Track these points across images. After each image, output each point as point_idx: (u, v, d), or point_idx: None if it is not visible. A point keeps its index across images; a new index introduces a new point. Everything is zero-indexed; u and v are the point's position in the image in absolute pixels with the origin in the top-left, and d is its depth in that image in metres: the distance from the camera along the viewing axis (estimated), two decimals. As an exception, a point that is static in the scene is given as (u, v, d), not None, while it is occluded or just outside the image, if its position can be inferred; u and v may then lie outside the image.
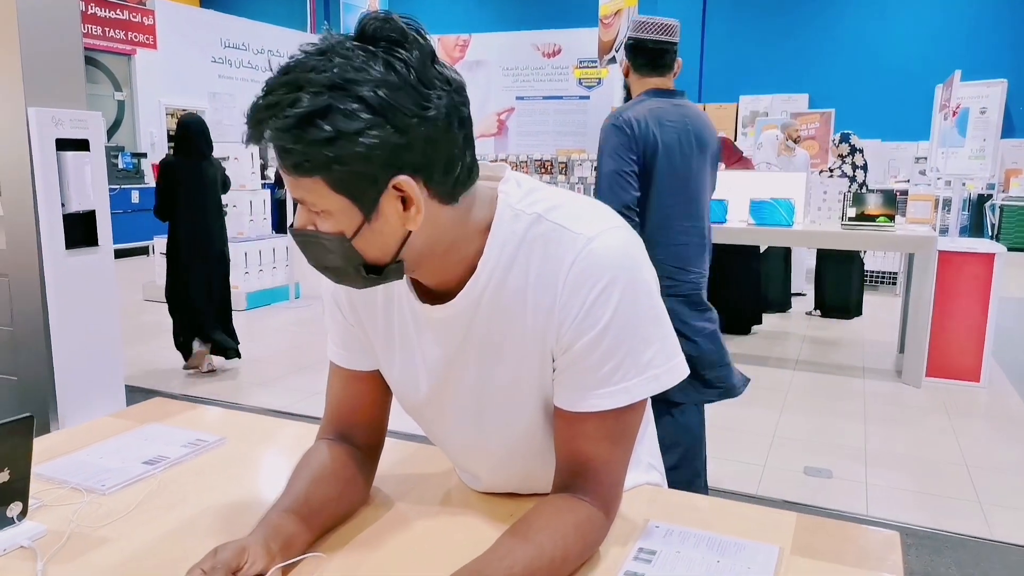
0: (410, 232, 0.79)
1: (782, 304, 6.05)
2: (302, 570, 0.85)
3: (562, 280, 0.82)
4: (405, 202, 0.77)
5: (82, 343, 3.30)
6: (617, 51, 9.87)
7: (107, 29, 9.62)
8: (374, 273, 0.81)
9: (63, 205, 3.25)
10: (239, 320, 5.77)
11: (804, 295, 6.49)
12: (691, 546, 0.90)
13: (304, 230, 0.79)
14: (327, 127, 0.71)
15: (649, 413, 1.14)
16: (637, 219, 2.10)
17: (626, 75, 2.29)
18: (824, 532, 0.96)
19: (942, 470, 3.11)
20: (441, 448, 1.06)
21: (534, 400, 0.89)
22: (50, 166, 3.18)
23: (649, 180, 2.11)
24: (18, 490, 0.93)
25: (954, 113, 4.55)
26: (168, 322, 4.42)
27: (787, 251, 6.09)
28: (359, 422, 1.02)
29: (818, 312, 5.94)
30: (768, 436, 3.44)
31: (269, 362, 4.74)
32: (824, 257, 5.85)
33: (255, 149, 6.33)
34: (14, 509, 0.93)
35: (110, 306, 3.46)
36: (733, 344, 4.98)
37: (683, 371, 0.86)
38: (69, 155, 3.25)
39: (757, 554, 0.88)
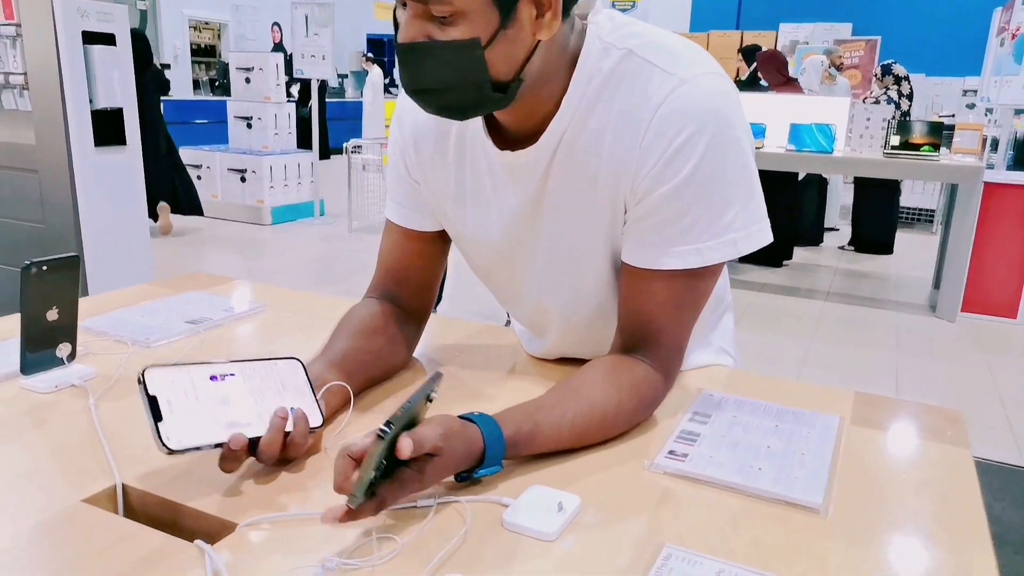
0: (536, 44, 0.74)
1: (814, 238, 5.94)
2: (340, 422, 0.84)
3: (646, 122, 0.76)
4: (539, 7, 0.72)
5: (111, 241, 3.31)
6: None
7: (130, -66, 9.36)
8: (499, 91, 0.75)
9: (91, 101, 3.21)
10: (263, 233, 5.78)
11: (837, 230, 6.37)
12: (747, 412, 0.88)
13: (422, 41, 0.71)
14: None
15: (729, 299, 1.11)
16: None
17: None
18: (885, 408, 0.93)
19: (976, 401, 3.08)
20: (507, 308, 1.04)
21: (603, 253, 0.86)
22: (77, 60, 3.13)
23: None
24: (66, 331, 0.92)
25: (1013, 36, 4.32)
26: (200, 232, 4.42)
27: (823, 183, 5.94)
28: (409, 282, 1.00)
29: (852, 247, 5.83)
30: (797, 364, 3.42)
31: (293, 275, 4.76)
32: (862, 190, 5.71)
33: (280, 60, 6.21)
34: (63, 350, 0.92)
35: (137, 206, 3.46)
36: (762, 275, 4.93)
37: (764, 238, 0.80)
38: (96, 49, 3.19)
39: (817, 421, 0.86)
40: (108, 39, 3.24)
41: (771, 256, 5.18)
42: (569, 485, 0.71)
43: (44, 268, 0.87)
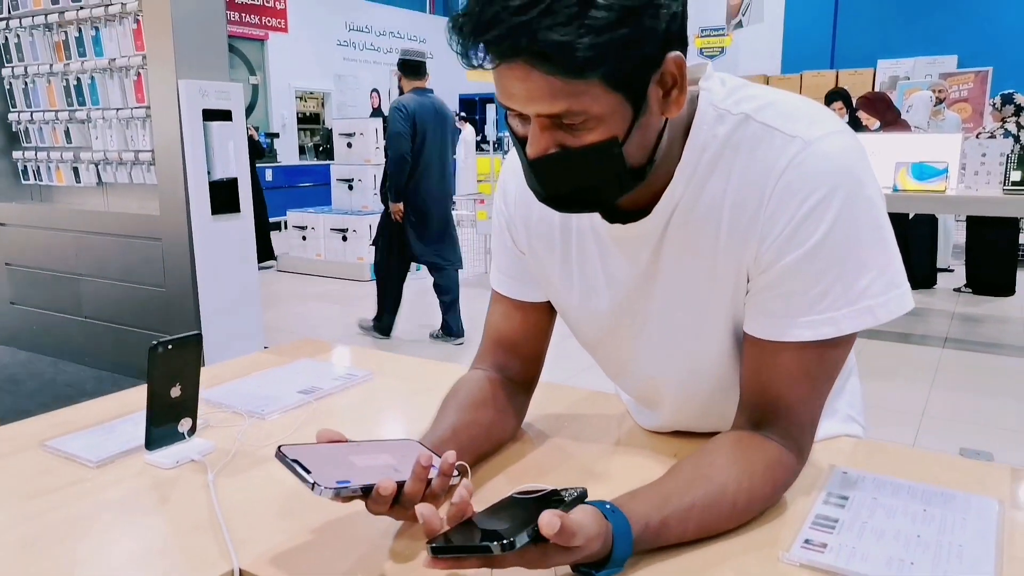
0: (665, 123, 0.72)
1: (927, 279, 5.59)
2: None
3: (770, 188, 0.72)
4: (664, 85, 0.69)
5: (226, 302, 3.49)
6: (743, 15, 9.40)
7: (243, 15, 10.14)
8: (637, 179, 0.73)
9: (209, 173, 3.44)
10: (364, 289, 5.97)
11: (952, 271, 5.97)
12: (889, 493, 0.80)
13: (557, 152, 0.69)
14: (610, 5, 0.62)
15: (854, 360, 1.04)
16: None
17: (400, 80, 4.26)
18: (1048, 488, 0.83)
19: None
20: (617, 382, 1.00)
21: (723, 325, 0.81)
22: (197, 135, 3.36)
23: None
24: (188, 407, 0.95)
25: None
26: (304, 290, 4.59)
27: (933, 222, 5.61)
28: (518, 353, 0.98)
29: (969, 289, 5.44)
30: (916, 415, 3.17)
31: (396, 330, 4.86)
32: (977, 228, 5.34)
33: (379, 124, 6.49)
34: (185, 424, 0.95)
35: (250, 269, 3.65)
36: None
37: (903, 305, 0.74)
38: (214, 125, 3.42)
39: (971, 505, 0.77)
40: (225, 115, 3.48)
41: None
42: (696, 579, 0.65)
43: (169, 347, 0.90)
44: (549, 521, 0.59)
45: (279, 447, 0.69)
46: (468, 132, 9.63)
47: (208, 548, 0.73)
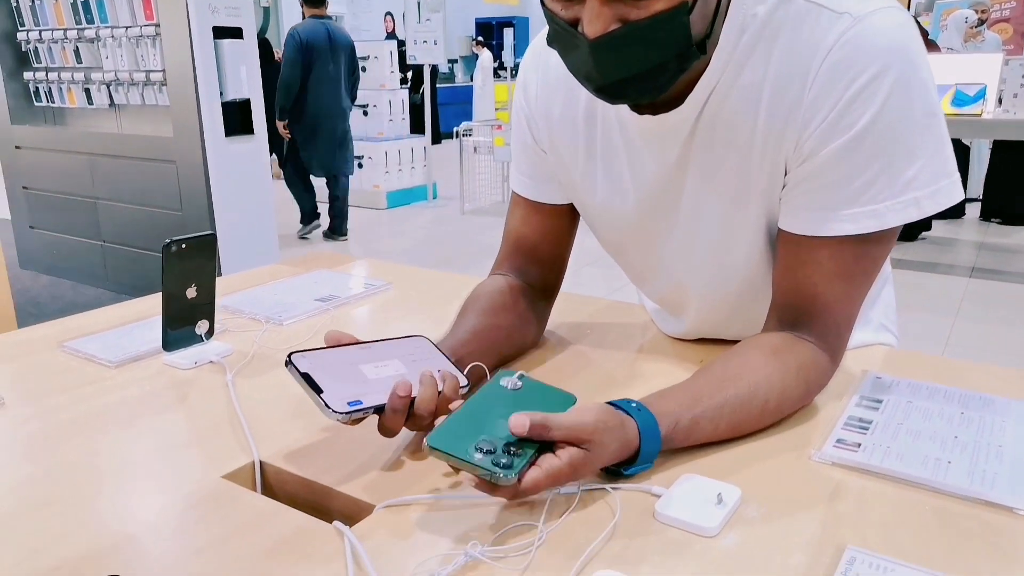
0: None
1: (956, 209, 5.45)
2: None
3: (815, 68, 0.67)
4: None
5: (242, 225, 3.48)
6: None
7: (252, -65, 9.80)
8: (698, 54, 0.67)
9: (221, 94, 3.37)
10: (381, 217, 5.94)
11: (981, 200, 5.83)
12: (924, 397, 0.77)
13: (620, 28, 0.63)
14: None
15: (889, 269, 1.00)
16: None
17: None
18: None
19: None
20: (641, 287, 0.97)
21: (756, 222, 0.77)
22: (208, 54, 3.28)
23: None
24: (205, 309, 0.94)
25: None
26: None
27: (965, 151, 5.44)
28: (538, 258, 0.95)
29: (998, 219, 5.32)
30: (940, 344, 3.14)
31: (408, 257, 4.85)
32: (1011, 156, 5.17)
33: (393, 48, 6.33)
34: (202, 327, 0.94)
35: (265, 192, 3.62)
36: (896, 249, 4.56)
37: (953, 196, 0.69)
38: (225, 43, 3.33)
39: (1011, 408, 0.74)
40: (236, 33, 3.38)
41: (906, 229, 4.77)
42: (725, 476, 0.64)
43: (183, 246, 0.88)
44: (518, 421, 0.56)
45: (288, 355, 0.66)
46: (485, 58, 9.37)
47: (228, 442, 0.72)
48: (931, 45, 5.00)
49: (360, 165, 6.24)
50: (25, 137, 4.11)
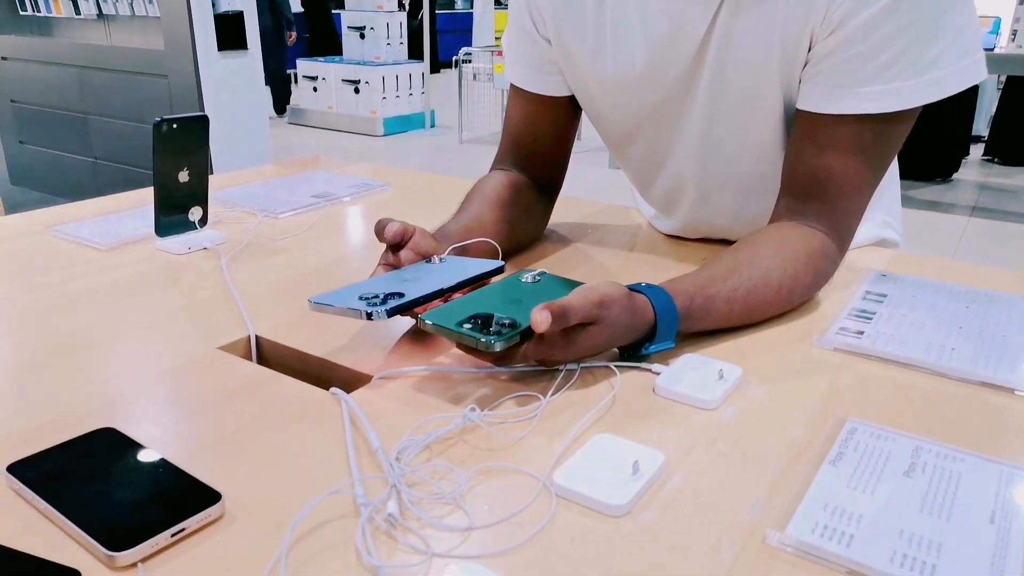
0: None
1: (960, 149, 5.38)
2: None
3: None
4: None
5: (236, 145, 3.41)
6: None
7: None
8: None
9: (214, 5, 3.25)
10: (376, 143, 5.84)
11: (985, 140, 5.75)
12: (929, 292, 0.76)
13: None
14: None
15: (895, 165, 0.97)
16: None
17: None
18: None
19: None
20: (643, 185, 0.94)
21: (775, 103, 0.74)
22: (200, -39, 3.16)
23: None
24: (198, 195, 0.91)
25: None
26: (315, 143, 4.50)
27: (973, 88, 5.32)
28: (539, 153, 0.93)
29: (998, 160, 5.26)
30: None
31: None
32: (1016, 94, 5.08)
33: (391, -32, 6.11)
34: (195, 214, 0.92)
35: (259, 111, 3.53)
36: (925, 191, 4.51)
37: (976, 74, 0.66)
38: (217, -50, 3.20)
39: (1017, 304, 0.74)
40: (227, -60, 3.24)
41: (943, 168, 4.67)
42: (725, 357, 0.63)
43: (174, 126, 0.85)
44: (541, 317, 0.54)
45: (310, 300, 0.61)
46: (486, -18, 9.06)
47: (223, 318, 0.71)
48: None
49: (356, 90, 6.10)
50: (11, 48, 3.99)
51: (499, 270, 0.67)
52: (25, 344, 0.66)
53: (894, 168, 0.97)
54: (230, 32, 3.34)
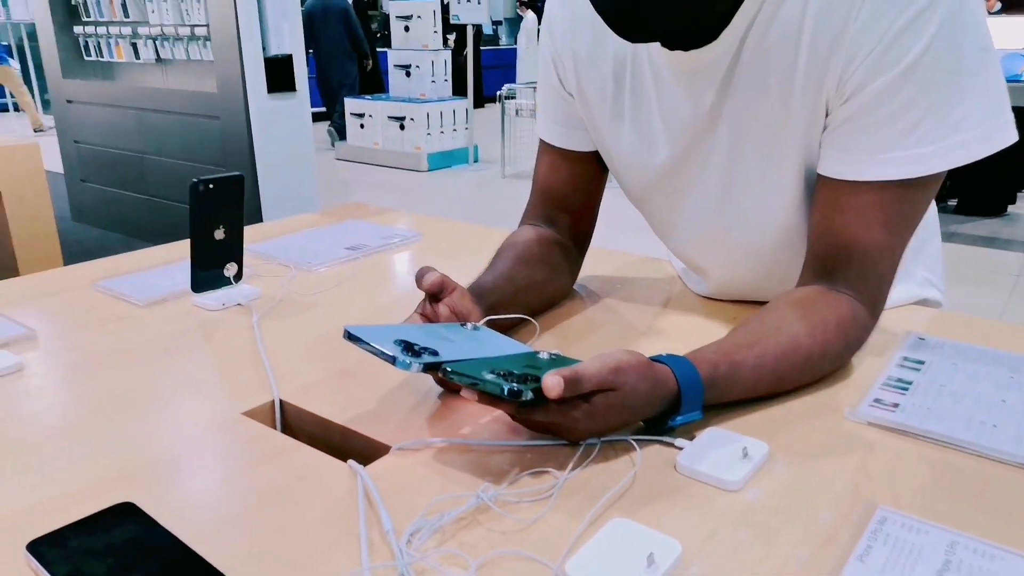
0: None
1: (1008, 196, 5.21)
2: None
3: (859, 1, 0.63)
4: None
5: (284, 182, 3.51)
6: None
7: None
8: None
9: (264, 49, 3.37)
10: (421, 179, 5.93)
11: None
12: (971, 359, 0.73)
13: None
14: None
15: (935, 219, 0.95)
16: None
17: None
18: None
19: None
20: (667, 241, 0.93)
21: (794, 170, 0.73)
22: (251, 9, 3.28)
23: None
24: (233, 251, 0.94)
25: None
26: (361, 179, 4.59)
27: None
28: (568, 207, 0.93)
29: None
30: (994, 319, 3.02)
31: (450, 218, 4.84)
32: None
33: (437, 7, 6.25)
34: (230, 269, 0.94)
35: (307, 150, 3.63)
36: (959, 224, 4.38)
37: (1005, 138, 0.64)
38: (268, -3, 3.33)
39: (1066, 375, 0.70)
40: (278, -13, 3.37)
41: (992, 204, 4.50)
42: (752, 433, 0.61)
43: (211, 186, 0.87)
44: (552, 382, 0.52)
45: (345, 328, 0.60)
46: (530, 19, 9.21)
47: (250, 380, 0.72)
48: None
49: (402, 127, 6.23)
50: (76, 91, 4.19)
51: (531, 354, 0.66)
52: (56, 407, 0.67)
53: (934, 222, 0.94)
54: (279, 74, 3.45)
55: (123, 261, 1.08)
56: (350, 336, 0.59)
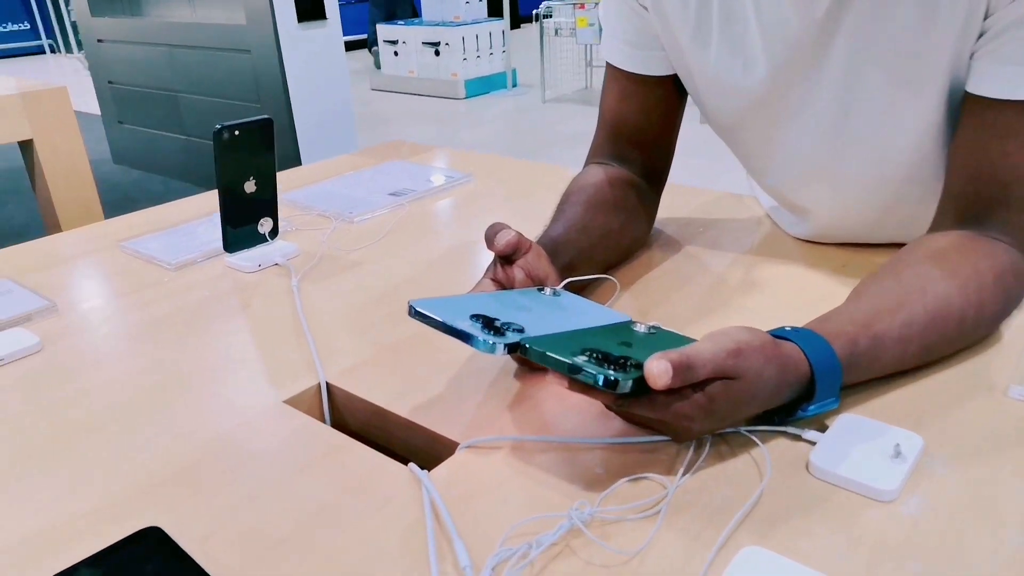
0: None
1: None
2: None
3: None
4: None
5: (320, 116, 3.39)
6: None
7: None
8: None
9: (292, -25, 3.20)
10: (458, 107, 5.75)
11: None
12: None
13: None
14: None
15: None
16: None
17: None
18: None
19: None
20: (762, 177, 0.80)
21: (934, 89, 0.60)
22: (276, -70, 3.10)
23: None
24: (267, 205, 0.84)
25: None
26: (398, 108, 4.45)
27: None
28: (643, 141, 0.80)
29: None
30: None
31: (489, 148, 4.68)
32: None
33: (471, -78, 5.91)
34: (265, 225, 0.84)
35: (340, 80, 3.49)
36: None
37: None
38: (293, -82, 3.13)
39: None
40: (302, -93, 3.17)
41: None
42: (896, 420, 0.50)
43: (236, 133, 0.77)
44: (658, 368, 0.41)
45: (410, 304, 0.49)
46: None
47: (292, 359, 0.63)
48: None
49: (437, 52, 6.00)
50: (107, 30, 4.09)
51: (625, 325, 0.55)
52: (76, 398, 0.59)
53: None
54: (309, 2, 3.29)
55: (151, 216, 1.00)
56: (416, 313, 0.48)
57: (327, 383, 0.59)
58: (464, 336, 0.46)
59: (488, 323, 0.47)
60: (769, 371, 0.46)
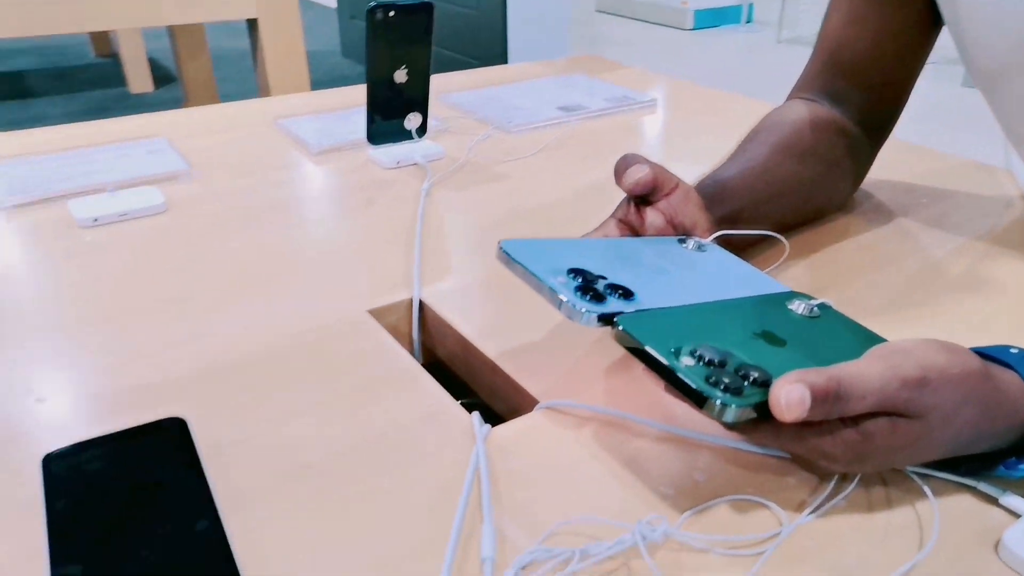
0: None
1: None
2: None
3: None
4: None
5: (535, 20, 3.30)
6: None
7: None
8: None
9: None
10: (683, 39, 5.41)
11: None
12: None
13: None
14: None
15: None
16: None
17: None
18: None
19: None
20: (1012, 131, 0.60)
21: None
22: None
23: None
24: (417, 99, 0.78)
25: None
26: (617, 32, 4.25)
27: None
28: (868, 79, 0.63)
29: None
30: None
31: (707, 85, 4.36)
32: None
33: None
34: (412, 121, 0.78)
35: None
36: None
37: None
38: None
39: None
40: None
41: None
42: None
43: (392, 14, 0.70)
44: (788, 395, 0.29)
45: (500, 246, 0.40)
46: None
47: (394, 267, 0.57)
48: None
49: (671, -24, 5.63)
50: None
51: (781, 299, 0.42)
52: (176, 270, 0.58)
53: None
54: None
55: (312, 99, 0.98)
56: (503, 256, 0.39)
57: (420, 300, 0.53)
58: (553, 298, 0.36)
59: (588, 283, 0.37)
60: (967, 413, 0.32)
